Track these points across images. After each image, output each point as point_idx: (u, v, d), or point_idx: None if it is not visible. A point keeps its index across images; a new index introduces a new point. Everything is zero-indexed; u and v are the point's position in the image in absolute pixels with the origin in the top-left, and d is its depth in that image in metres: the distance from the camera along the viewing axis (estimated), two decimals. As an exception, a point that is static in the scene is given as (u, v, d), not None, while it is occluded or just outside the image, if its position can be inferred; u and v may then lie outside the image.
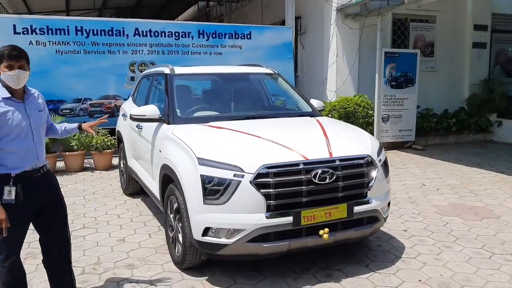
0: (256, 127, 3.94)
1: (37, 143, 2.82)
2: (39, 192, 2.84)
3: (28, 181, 2.77)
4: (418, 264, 3.79)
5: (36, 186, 2.83)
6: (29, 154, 2.77)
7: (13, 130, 2.69)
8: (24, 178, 2.74)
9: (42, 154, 2.88)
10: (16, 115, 2.71)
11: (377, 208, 3.59)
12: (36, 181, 2.82)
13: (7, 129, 2.67)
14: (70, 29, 7.91)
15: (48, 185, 2.94)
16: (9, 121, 2.68)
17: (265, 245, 3.25)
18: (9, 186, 2.68)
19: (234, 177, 3.19)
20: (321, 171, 3.31)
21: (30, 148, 2.78)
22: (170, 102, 4.29)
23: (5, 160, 2.69)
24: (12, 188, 2.69)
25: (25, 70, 2.72)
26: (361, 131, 4.10)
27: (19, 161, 2.72)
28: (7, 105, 2.70)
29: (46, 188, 2.91)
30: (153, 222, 4.92)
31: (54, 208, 2.97)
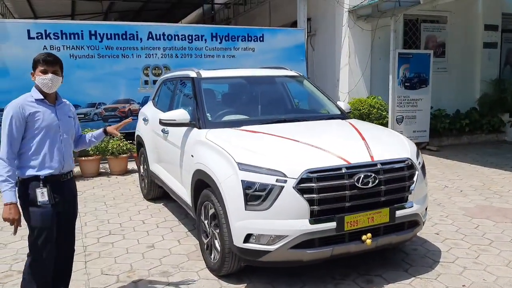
0: (291, 130, 3.88)
1: (65, 147, 2.90)
2: (63, 197, 2.90)
3: (55, 185, 2.84)
4: (458, 268, 3.73)
5: (62, 191, 2.89)
6: (57, 157, 2.84)
7: (42, 131, 2.78)
8: (52, 181, 2.81)
9: (69, 158, 2.95)
10: (47, 116, 2.80)
11: (417, 212, 3.53)
12: (62, 186, 2.90)
13: (37, 128, 2.76)
14: (84, 34, 7.84)
15: (70, 193, 3.01)
16: (38, 121, 2.77)
17: (308, 252, 3.18)
18: (40, 188, 2.76)
19: (277, 182, 3.13)
20: (364, 175, 3.25)
21: (58, 150, 2.85)
22: (199, 106, 4.23)
23: (33, 162, 2.77)
24: (44, 190, 2.77)
25: (58, 76, 2.82)
26: (397, 134, 4.05)
27: (47, 163, 2.79)
28: (38, 106, 2.79)
29: (69, 195, 2.98)
30: (180, 228, 4.86)
31: (71, 217, 3.06)
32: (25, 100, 2.78)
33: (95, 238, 4.59)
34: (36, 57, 2.82)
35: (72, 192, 3.03)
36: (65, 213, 2.95)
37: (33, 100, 2.79)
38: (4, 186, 2.66)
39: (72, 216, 3.07)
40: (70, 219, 3.04)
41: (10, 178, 2.68)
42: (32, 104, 2.78)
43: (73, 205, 3.06)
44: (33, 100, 2.79)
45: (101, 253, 4.20)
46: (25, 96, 2.81)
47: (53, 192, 2.81)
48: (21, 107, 2.73)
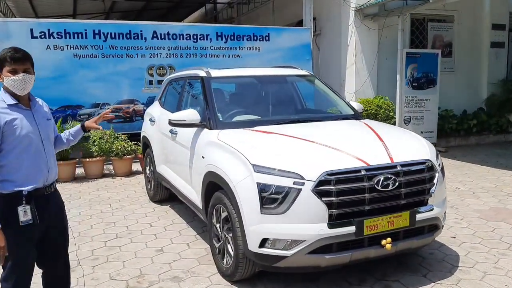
0: (306, 131, 3.77)
1: (48, 154, 2.55)
2: (49, 213, 2.56)
3: (40, 200, 2.49)
4: (479, 273, 3.61)
5: (47, 205, 2.55)
6: (41, 168, 2.49)
7: (22, 141, 2.42)
8: (36, 196, 2.46)
9: (53, 167, 2.59)
10: (25, 123, 2.44)
11: (438, 216, 3.42)
12: (47, 200, 2.55)
13: (16, 139, 2.40)
14: (88, 33, 7.73)
15: (57, 206, 2.67)
16: (17, 130, 2.40)
17: (327, 257, 3.07)
18: (22, 206, 2.40)
19: (294, 185, 3.02)
20: (384, 177, 3.13)
21: (42, 160, 2.50)
22: (210, 107, 4.11)
23: (14, 175, 2.41)
24: (27, 208, 2.41)
25: (31, 74, 2.47)
26: (415, 135, 3.93)
27: (29, 176, 2.44)
28: (13, 113, 2.42)
29: (56, 208, 2.64)
30: (188, 231, 4.74)
31: (62, 232, 2.71)
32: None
33: (102, 241, 4.47)
34: (1, 56, 2.41)
35: (58, 204, 2.68)
36: (54, 228, 2.62)
37: (6, 106, 2.41)
38: None
39: (63, 231, 2.72)
40: (60, 235, 2.69)
41: None
42: (5, 111, 2.40)
43: (61, 219, 2.70)
44: (5, 106, 2.41)
45: (109, 257, 4.08)
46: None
47: (38, 209, 2.45)
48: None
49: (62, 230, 2.71)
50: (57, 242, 2.67)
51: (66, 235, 2.76)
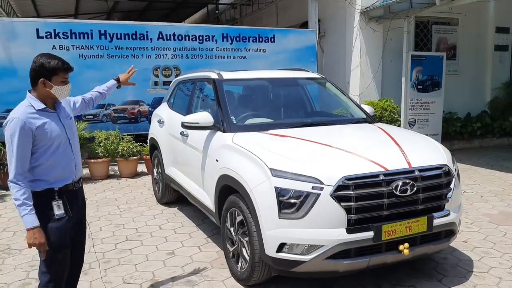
0: (321, 135, 3.75)
1: (75, 153, 2.71)
2: (77, 206, 2.76)
3: (70, 195, 2.66)
4: (494, 279, 3.60)
5: (76, 200, 2.74)
6: (70, 167, 2.66)
7: (53, 143, 2.55)
8: (66, 191, 2.63)
9: (79, 165, 2.77)
10: (54, 126, 2.56)
11: (454, 221, 3.41)
12: (76, 195, 2.74)
13: (48, 141, 2.52)
14: (94, 33, 7.69)
15: (82, 200, 2.87)
16: (48, 133, 2.52)
17: (345, 262, 3.05)
18: (56, 200, 2.56)
19: (313, 189, 3.00)
20: (402, 182, 3.11)
21: (70, 159, 2.66)
22: (223, 109, 4.09)
23: (47, 175, 2.55)
24: (60, 202, 2.57)
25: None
26: (430, 139, 3.91)
27: (60, 175, 2.59)
28: (43, 117, 2.53)
29: (82, 203, 2.85)
30: (198, 234, 4.71)
31: (84, 225, 2.92)
32: (26, 113, 2.46)
33: (113, 244, 4.44)
34: (52, 64, 2.49)
35: (83, 199, 2.89)
36: (79, 223, 2.82)
37: (35, 111, 2.49)
38: (23, 210, 2.41)
39: (84, 224, 2.94)
40: (83, 228, 2.91)
41: (28, 201, 2.43)
42: (35, 116, 2.48)
43: (84, 212, 2.91)
44: (34, 111, 2.49)
45: (121, 260, 4.05)
46: (24, 109, 2.48)
47: (68, 203, 2.63)
48: (26, 122, 2.43)
49: (84, 225, 2.91)
50: (79, 233, 2.84)
51: (85, 230, 2.95)
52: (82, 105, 3.09)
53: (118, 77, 3.43)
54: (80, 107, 3.07)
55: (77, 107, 3.03)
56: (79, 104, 3.05)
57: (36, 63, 2.50)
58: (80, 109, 3.07)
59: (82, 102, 3.09)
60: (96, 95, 3.24)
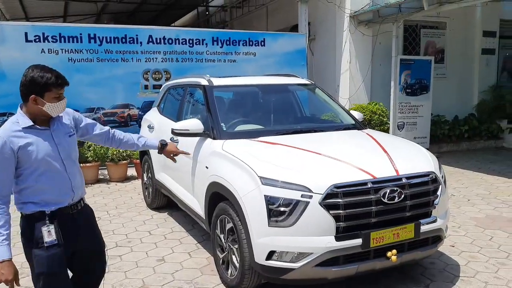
0: (310, 142, 3.78)
1: (71, 175, 2.40)
2: (77, 232, 2.44)
3: (65, 219, 2.38)
4: (480, 284, 3.65)
5: (74, 225, 2.44)
6: (63, 190, 2.37)
7: (39, 164, 2.28)
8: (60, 215, 2.35)
9: (79, 187, 2.46)
10: (41, 146, 2.29)
11: (441, 227, 3.46)
12: (73, 219, 2.43)
13: (33, 163, 2.27)
14: (83, 37, 7.66)
15: (87, 224, 2.54)
16: (32, 155, 2.26)
17: (334, 269, 3.08)
18: (46, 226, 2.28)
19: (302, 197, 3.02)
20: (390, 190, 3.16)
21: (63, 182, 2.37)
22: (213, 116, 4.11)
23: (36, 198, 2.31)
24: (51, 227, 2.28)
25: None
26: (418, 146, 3.97)
27: (51, 198, 2.33)
28: (28, 135, 2.27)
29: (85, 227, 2.52)
30: (188, 239, 4.72)
31: (96, 250, 2.61)
32: (10, 131, 2.23)
33: (102, 250, 4.43)
34: (44, 79, 2.23)
35: (89, 223, 2.56)
36: (86, 250, 2.52)
37: (20, 129, 2.26)
38: None
39: (98, 249, 2.61)
40: (95, 254, 2.60)
41: (1, 229, 2.18)
42: (19, 134, 2.24)
43: (93, 237, 2.58)
44: (19, 129, 2.26)
45: (110, 267, 4.04)
46: (10, 126, 2.26)
47: (63, 228, 2.34)
48: (7, 141, 2.20)
49: (97, 250, 2.59)
50: (91, 259, 2.58)
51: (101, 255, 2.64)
52: (102, 136, 2.75)
53: (165, 143, 3.12)
54: (99, 136, 2.74)
55: (93, 132, 2.69)
56: (98, 132, 2.71)
57: (27, 77, 2.25)
58: (97, 137, 2.74)
59: (104, 133, 2.76)
60: (128, 140, 2.90)
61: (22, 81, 2.28)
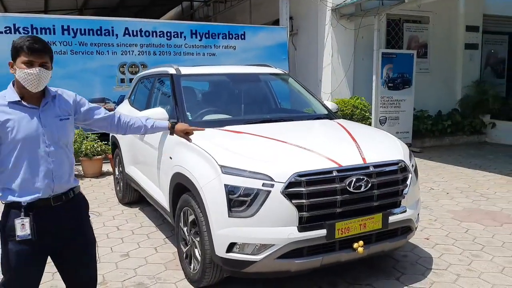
0: (278, 131, 3.64)
1: (55, 162, 2.16)
2: (57, 226, 2.19)
3: (44, 212, 2.15)
4: (452, 276, 3.55)
5: (55, 219, 2.18)
6: (42, 177, 2.14)
7: (17, 145, 2.09)
8: (39, 207, 2.13)
9: (63, 176, 2.20)
10: (24, 124, 2.10)
11: (411, 218, 3.34)
12: (55, 213, 2.18)
13: (10, 143, 2.09)
14: (56, 28, 7.45)
15: (71, 219, 2.25)
16: (11, 133, 2.07)
17: (297, 261, 2.95)
18: (20, 218, 2.08)
19: (263, 186, 2.89)
20: (356, 178, 3.03)
21: (44, 167, 2.14)
22: (179, 105, 3.95)
23: (13, 183, 2.11)
24: (26, 220, 2.08)
25: (48, 70, 2.16)
26: (388, 135, 3.86)
27: (27, 185, 2.12)
28: (12, 112, 2.10)
29: (68, 222, 2.23)
30: (156, 234, 4.56)
31: (81, 247, 2.32)
32: None
33: (65, 246, 4.25)
34: (17, 42, 2.09)
35: (76, 214, 2.28)
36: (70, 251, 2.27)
37: (5, 104, 2.09)
38: None
39: (84, 251, 2.34)
40: (80, 256, 2.32)
41: None
42: (2, 109, 2.09)
43: (79, 233, 2.29)
44: (4, 103, 2.09)
45: (71, 263, 3.87)
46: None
47: (42, 222, 2.12)
48: None
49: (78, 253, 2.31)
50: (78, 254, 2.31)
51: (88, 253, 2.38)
52: (107, 120, 2.52)
53: (175, 123, 2.90)
54: (104, 121, 2.51)
55: (97, 117, 2.46)
56: (102, 115, 2.49)
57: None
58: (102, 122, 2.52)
59: (109, 118, 2.54)
60: (135, 123, 2.69)
61: None
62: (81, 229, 2.32)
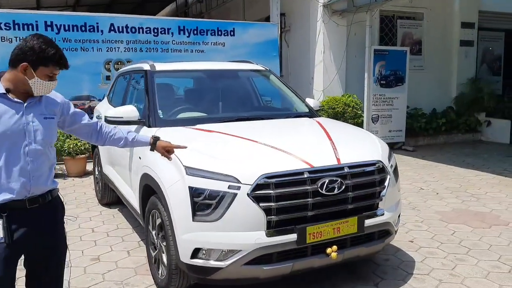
0: (251, 130, 3.48)
1: (33, 162, 2.04)
2: (33, 230, 2.08)
3: (18, 214, 2.03)
4: (433, 282, 3.38)
5: (30, 221, 2.07)
6: (18, 176, 2.01)
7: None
8: (12, 209, 2.01)
9: (41, 177, 2.07)
10: (6, 118, 1.98)
11: (389, 221, 3.17)
12: (30, 215, 2.06)
13: None
14: (39, 24, 7.27)
15: (47, 221, 2.13)
16: None
17: (265, 268, 2.78)
18: None
19: (229, 189, 2.72)
20: (329, 180, 2.86)
21: (21, 167, 2.02)
22: (150, 102, 3.79)
23: None
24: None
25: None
26: (368, 133, 3.69)
27: (3, 185, 2.00)
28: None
29: (43, 226, 2.11)
30: (132, 237, 4.40)
31: (51, 252, 2.19)
32: None
33: (35, 249, 4.09)
34: (44, 51, 1.99)
35: (49, 221, 2.14)
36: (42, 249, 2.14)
37: None
38: None
39: (59, 253, 2.24)
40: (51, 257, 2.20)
41: None
42: None
43: (53, 238, 2.18)
44: None
45: (38, 267, 3.71)
46: None
47: (16, 225, 2.01)
48: None
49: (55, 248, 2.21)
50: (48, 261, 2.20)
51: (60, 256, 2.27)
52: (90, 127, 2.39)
53: (157, 138, 2.65)
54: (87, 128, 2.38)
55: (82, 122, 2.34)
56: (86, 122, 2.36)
57: (27, 42, 2.00)
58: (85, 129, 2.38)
59: (92, 125, 2.40)
60: (116, 134, 2.50)
61: (20, 44, 2.03)
62: (54, 235, 2.19)
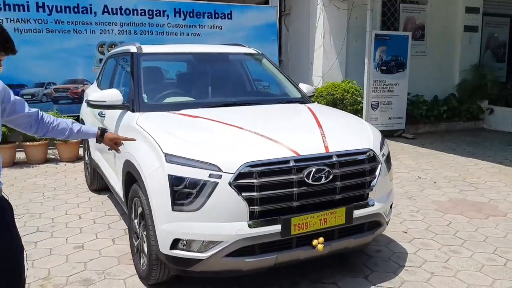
0: (237, 116, 3.34)
1: None
2: None
3: None
4: (425, 274, 3.27)
5: None
6: None
7: None
8: None
9: None
10: None
11: (379, 212, 3.04)
12: None
13: None
14: (30, 5, 7.10)
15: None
16: None
17: (248, 260, 2.67)
18: None
19: (210, 177, 2.59)
20: (316, 169, 2.73)
21: None
22: (135, 86, 3.64)
23: None
24: None
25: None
26: (360, 120, 3.54)
27: None
28: None
29: None
30: (118, 224, 4.30)
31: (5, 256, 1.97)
32: None
33: (18, 236, 4.00)
34: None
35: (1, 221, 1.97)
36: None
37: None
38: None
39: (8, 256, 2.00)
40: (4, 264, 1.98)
41: None
42: None
43: (4, 242, 1.96)
44: None
45: None
46: None
47: None
48: None
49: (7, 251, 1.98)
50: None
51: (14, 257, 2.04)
52: (30, 117, 2.24)
53: (105, 130, 2.61)
54: (27, 118, 2.23)
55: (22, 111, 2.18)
56: (26, 111, 2.20)
57: None
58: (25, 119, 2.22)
59: (33, 115, 2.24)
60: (59, 125, 2.37)
61: None
62: (6, 238, 1.97)
